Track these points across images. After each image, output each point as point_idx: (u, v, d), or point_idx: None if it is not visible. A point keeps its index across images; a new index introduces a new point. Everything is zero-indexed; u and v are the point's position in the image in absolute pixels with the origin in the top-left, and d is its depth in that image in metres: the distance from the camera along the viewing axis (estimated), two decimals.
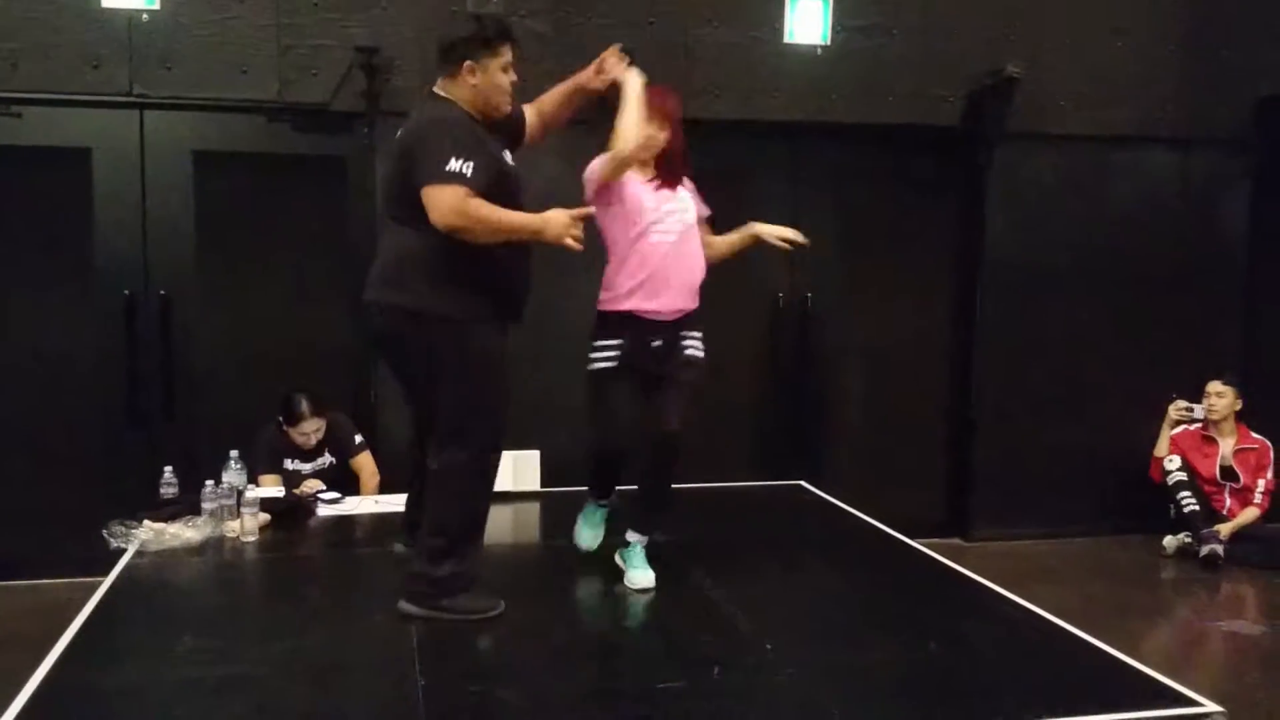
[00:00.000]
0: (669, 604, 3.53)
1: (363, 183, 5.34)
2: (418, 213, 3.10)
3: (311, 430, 4.83)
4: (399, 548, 3.80)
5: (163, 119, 5.18)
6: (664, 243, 3.56)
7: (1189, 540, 5.68)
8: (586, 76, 3.59)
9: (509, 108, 3.37)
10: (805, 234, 3.94)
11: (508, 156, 3.35)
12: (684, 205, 3.66)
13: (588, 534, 3.94)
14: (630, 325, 3.57)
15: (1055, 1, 5.87)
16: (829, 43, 5.65)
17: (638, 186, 3.59)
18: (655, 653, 3.07)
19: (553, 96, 3.65)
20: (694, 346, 3.68)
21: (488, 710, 2.77)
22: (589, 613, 3.33)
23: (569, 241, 3.18)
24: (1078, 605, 4.43)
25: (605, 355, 3.60)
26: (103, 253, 5.18)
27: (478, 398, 3.23)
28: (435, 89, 3.32)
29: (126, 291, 5.18)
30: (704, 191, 3.84)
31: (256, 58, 5.11)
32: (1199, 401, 5.94)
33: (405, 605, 3.28)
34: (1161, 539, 5.81)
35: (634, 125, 3.45)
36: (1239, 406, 5.87)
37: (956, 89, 5.76)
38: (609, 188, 3.54)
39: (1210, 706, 2.74)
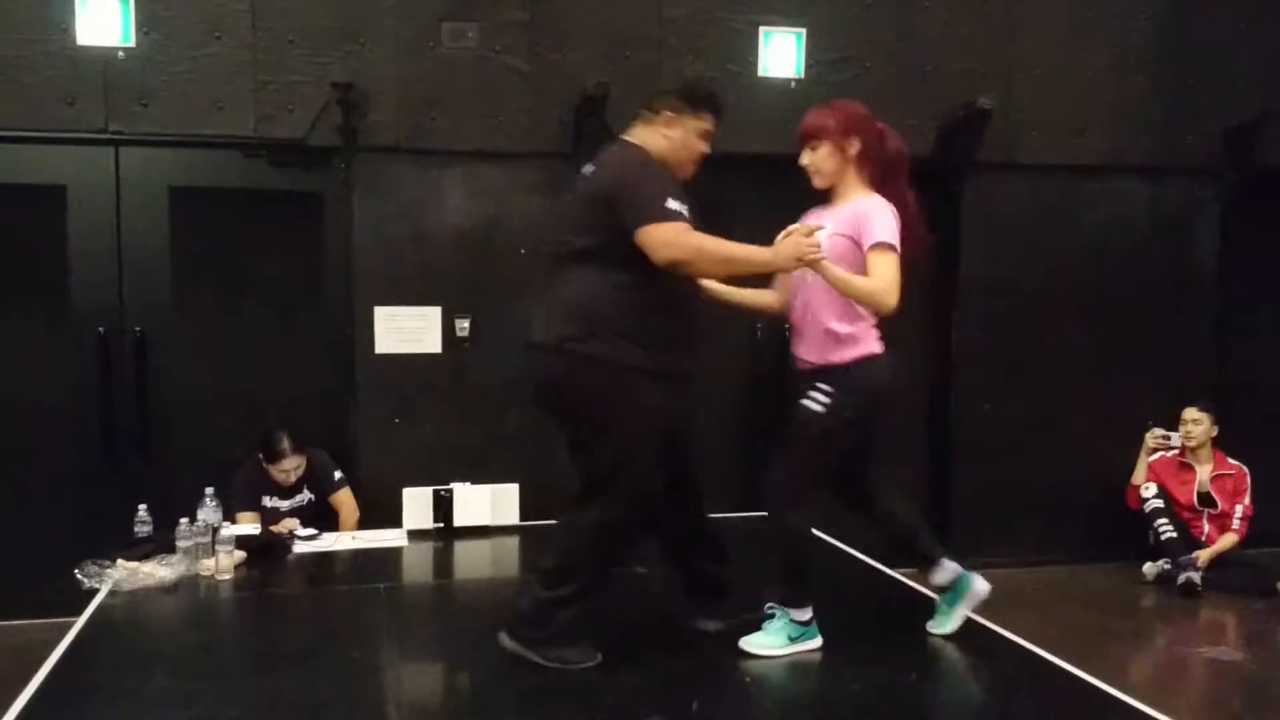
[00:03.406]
0: (648, 637, 3.51)
1: (339, 218, 5.34)
2: (598, 251, 3.07)
3: (292, 467, 4.80)
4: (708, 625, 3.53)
5: (138, 155, 5.17)
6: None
7: (1168, 567, 5.69)
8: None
9: (689, 175, 3.30)
10: None
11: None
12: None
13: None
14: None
15: (1026, 34, 5.95)
16: (802, 76, 5.70)
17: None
18: (635, 686, 3.05)
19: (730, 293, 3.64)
20: (811, 398, 3.26)
21: None
22: (585, 641, 3.27)
23: (809, 262, 3.05)
24: (1057, 633, 4.42)
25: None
26: (78, 290, 5.16)
27: (637, 453, 3.10)
28: (626, 135, 3.30)
29: (101, 329, 5.15)
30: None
31: (232, 93, 5.11)
32: (1175, 429, 5.98)
33: (504, 638, 3.20)
34: (1140, 566, 5.83)
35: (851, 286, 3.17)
36: (1215, 433, 5.91)
37: (929, 120, 5.82)
38: None
39: None
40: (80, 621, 3.62)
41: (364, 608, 3.81)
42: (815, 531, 5.00)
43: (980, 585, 3.48)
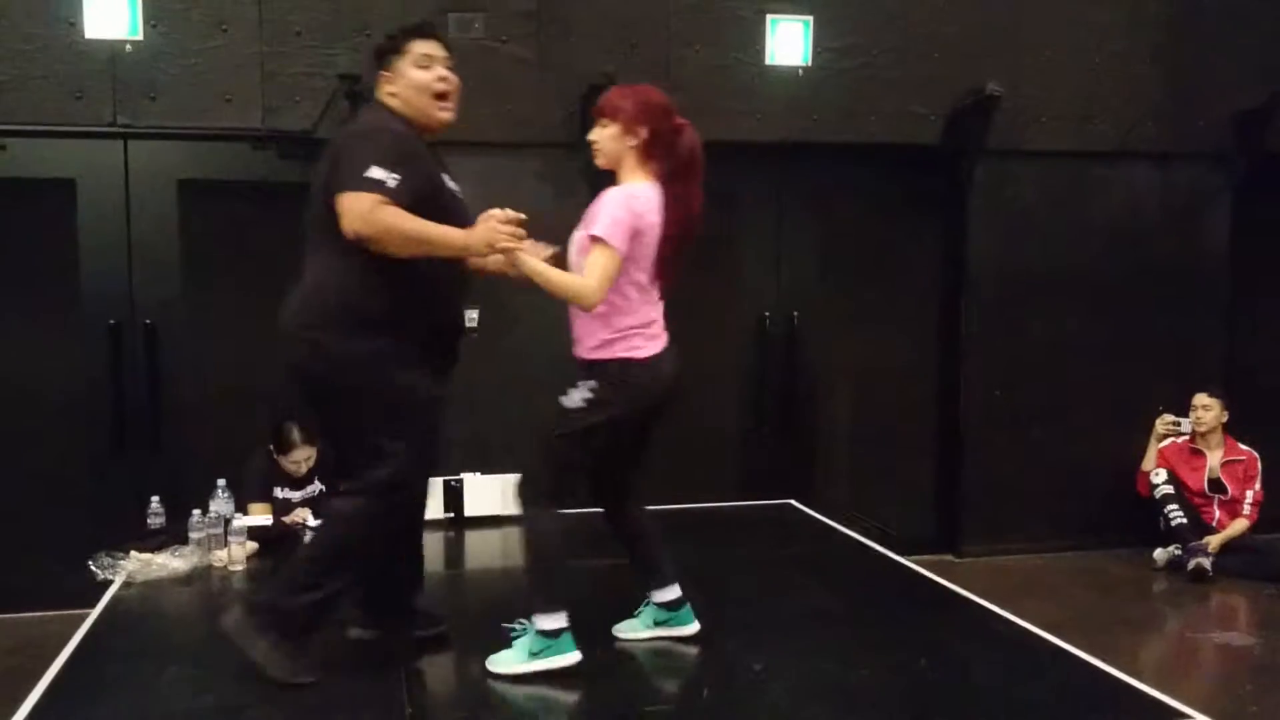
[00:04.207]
0: None
1: None
2: (340, 234, 2.84)
3: (303, 458, 4.81)
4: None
5: (147, 149, 5.18)
6: None
7: (1179, 553, 5.69)
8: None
9: (444, 114, 3.09)
10: (789, 253, 3.82)
11: (450, 181, 3.11)
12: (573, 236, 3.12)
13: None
14: None
15: (1034, 19, 5.92)
16: (810, 64, 5.68)
17: None
18: (644, 674, 3.06)
19: None
20: (569, 393, 3.06)
21: None
22: (577, 636, 3.29)
23: (502, 250, 2.88)
24: (1068, 620, 4.42)
25: None
26: (88, 283, 5.17)
27: (388, 443, 2.92)
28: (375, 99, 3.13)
29: (112, 321, 5.17)
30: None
31: (240, 86, 5.12)
32: (1185, 415, 5.96)
33: (227, 620, 2.97)
34: (1151, 552, 5.82)
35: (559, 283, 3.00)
36: (1225, 419, 5.90)
37: (937, 107, 5.80)
38: None
39: None
40: (95, 613, 3.65)
41: None
42: (824, 519, 5.04)
43: (691, 628, 3.31)
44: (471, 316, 5.39)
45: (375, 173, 2.79)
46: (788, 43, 5.65)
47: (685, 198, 3.12)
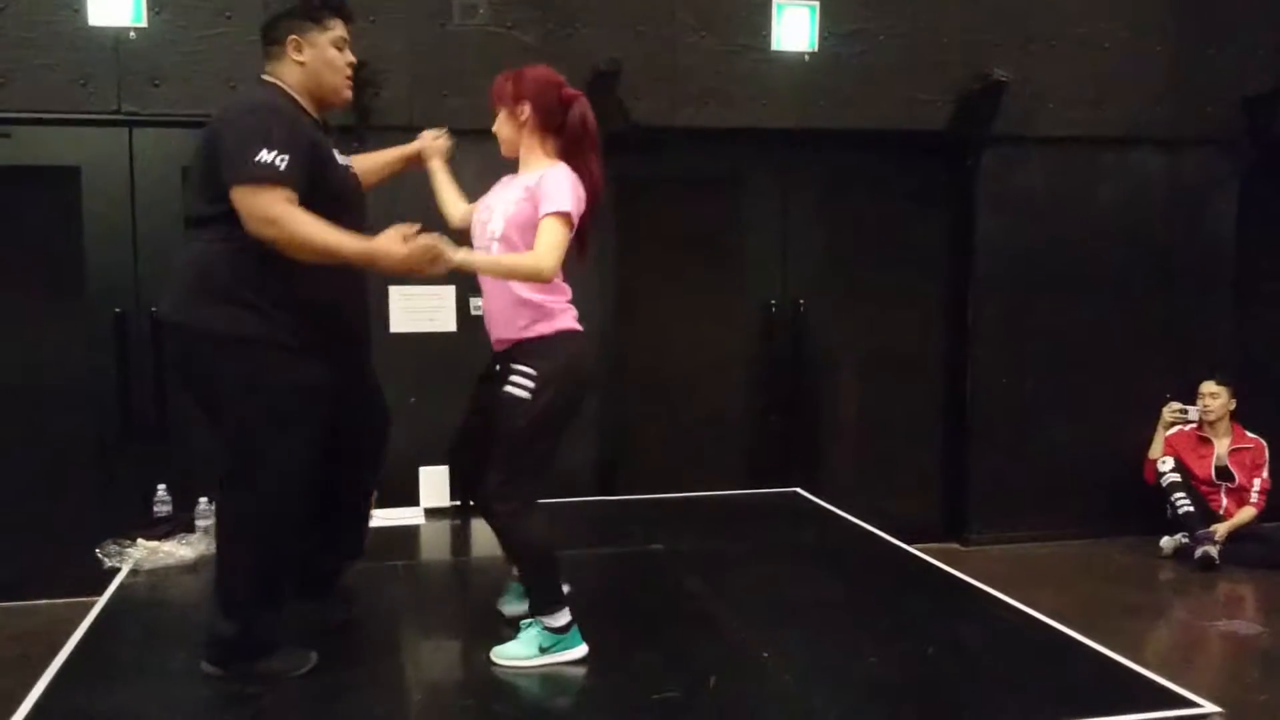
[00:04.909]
0: (665, 613, 3.52)
1: None
2: (219, 215, 2.74)
3: None
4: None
5: (152, 136, 5.17)
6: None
7: (1186, 541, 5.68)
8: (411, 152, 3.41)
9: (348, 93, 3.05)
10: (796, 241, 3.84)
11: (340, 157, 3.02)
12: (492, 214, 3.09)
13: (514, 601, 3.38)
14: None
15: (1042, 5, 5.88)
16: (816, 49, 5.65)
17: (491, 191, 3.24)
18: (651, 663, 3.06)
19: (373, 161, 3.44)
20: (513, 383, 2.99)
21: None
22: (584, 624, 3.30)
23: (443, 263, 2.78)
24: (1075, 608, 4.42)
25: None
26: (93, 271, 5.17)
27: (267, 434, 2.81)
28: (263, 75, 2.99)
29: (118, 309, 5.16)
30: (694, 200, 3.81)
31: (245, 73, 5.08)
32: (1193, 403, 5.95)
33: (206, 666, 2.93)
34: (1158, 540, 5.82)
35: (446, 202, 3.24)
36: (1233, 406, 5.88)
37: (944, 93, 5.77)
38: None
39: (1209, 708, 2.74)
40: (102, 600, 3.66)
41: (382, 586, 3.82)
42: (831, 507, 5.04)
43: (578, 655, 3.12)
44: (477, 304, 5.39)
45: (264, 156, 2.68)
46: (794, 28, 5.62)
47: (587, 170, 3.08)
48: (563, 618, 3.05)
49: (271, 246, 2.71)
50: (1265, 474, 5.82)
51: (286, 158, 2.70)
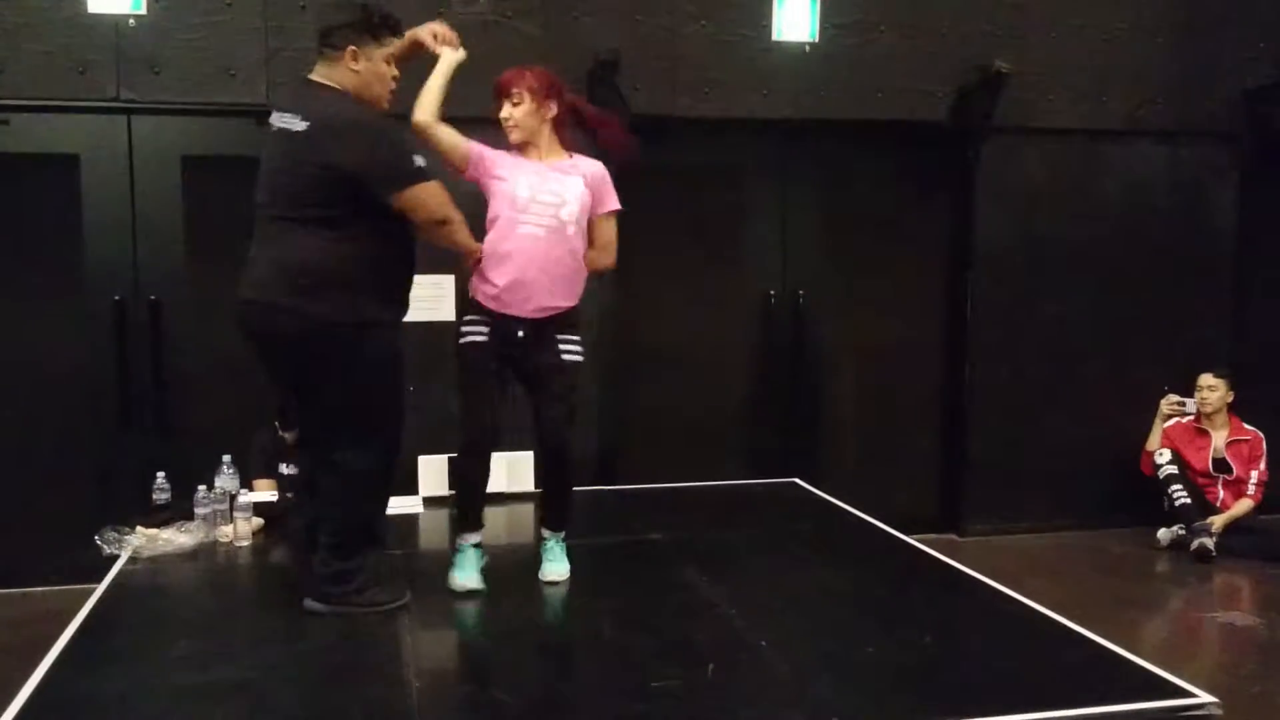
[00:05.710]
0: (664, 602, 3.53)
1: None
2: (339, 216, 3.09)
3: None
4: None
5: (150, 124, 5.16)
6: (530, 235, 3.39)
7: (1183, 532, 5.69)
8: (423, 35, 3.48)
9: (387, 104, 3.35)
10: (795, 231, 3.95)
11: None
12: (564, 199, 3.45)
13: (461, 575, 3.56)
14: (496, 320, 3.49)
15: None
16: (817, 40, 5.65)
17: (515, 167, 3.47)
18: (650, 651, 3.07)
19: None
20: (570, 351, 3.57)
21: (481, 711, 2.76)
22: (583, 612, 3.32)
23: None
24: (1072, 599, 4.43)
25: (474, 331, 3.52)
26: (92, 259, 5.16)
27: (386, 402, 3.31)
28: (315, 77, 3.24)
29: (117, 297, 5.16)
30: (694, 190, 3.84)
31: (244, 61, 5.09)
32: (1190, 395, 5.95)
33: (311, 603, 3.32)
34: (1155, 532, 5.83)
35: (429, 95, 3.41)
36: (1231, 399, 5.89)
37: (945, 84, 5.77)
38: (483, 159, 3.47)
39: (1205, 698, 2.74)
40: (101, 587, 3.67)
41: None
42: (829, 497, 5.05)
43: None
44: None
45: (419, 160, 3.13)
46: (795, 18, 5.61)
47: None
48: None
49: (439, 228, 3.21)
50: (1263, 466, 5.83)
51: (420, 157, 3.17)
